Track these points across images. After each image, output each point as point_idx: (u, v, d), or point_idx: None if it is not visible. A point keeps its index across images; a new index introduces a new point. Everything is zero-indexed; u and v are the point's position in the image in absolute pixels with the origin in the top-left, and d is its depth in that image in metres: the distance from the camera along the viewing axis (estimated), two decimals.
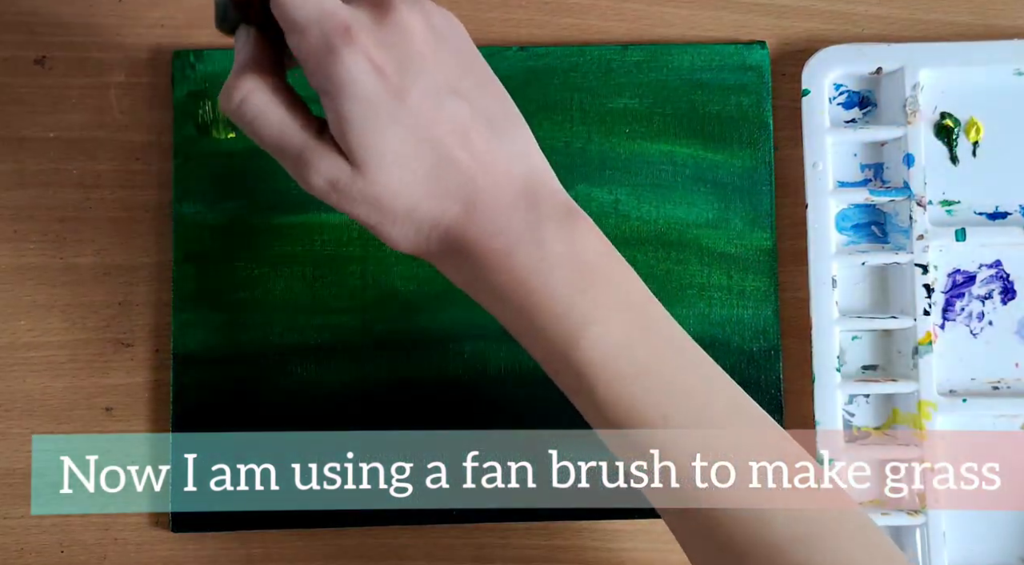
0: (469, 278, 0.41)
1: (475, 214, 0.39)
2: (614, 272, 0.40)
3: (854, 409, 0.51)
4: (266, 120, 0.39)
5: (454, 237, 0.40)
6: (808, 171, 0.51)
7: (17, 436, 0.50)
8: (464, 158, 0.39)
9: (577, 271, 0.39)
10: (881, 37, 0.53)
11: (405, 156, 0.38)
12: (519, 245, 0.39)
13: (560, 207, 0.40)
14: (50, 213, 0.51)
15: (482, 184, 0.39)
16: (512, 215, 0.39)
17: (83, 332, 0.51)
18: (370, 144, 0.38)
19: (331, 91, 0.38)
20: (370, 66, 0.38)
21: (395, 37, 0.38)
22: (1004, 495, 0.50)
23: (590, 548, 0.50)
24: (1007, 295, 0.51)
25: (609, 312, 0.39)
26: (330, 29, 0.38)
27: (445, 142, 0.39)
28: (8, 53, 0.52)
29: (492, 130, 0.40)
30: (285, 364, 0.50)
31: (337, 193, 0.39)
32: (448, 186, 0.39)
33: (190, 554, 0.50)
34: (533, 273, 0.39)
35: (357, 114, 0.38)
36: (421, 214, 0.39)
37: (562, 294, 0.39)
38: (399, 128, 0.38)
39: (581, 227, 0.40)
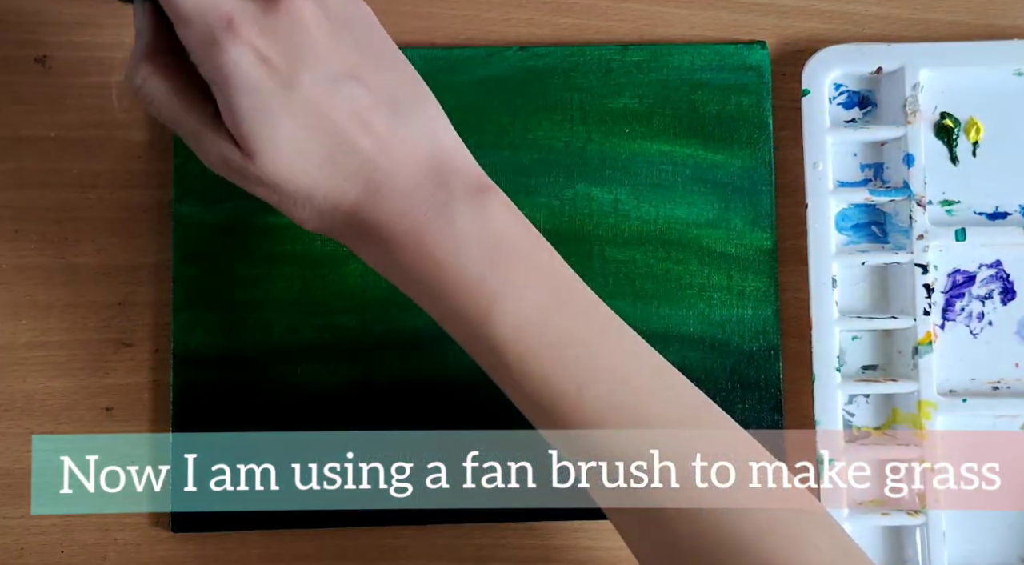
0: (381, 260, 0.41)
1: (379, 196, 0.39)
2: (526, 246, 0.40)
3: (854, 409, 0.51)
4: (162, 104, 0.40)
5: (360, 220, 0.40)
6: (808, 171, 0.51)
7: (17, 436, 0.50)
8: (363, 141, 0.39)
9: (488, 247, 0.39)
10: (881, 37, 0.53)
11: (298, 143, 0.39)
12: (428, 224, 0.39)
13: (471, 183, 0.40)
14: (50, 213, 0.51)
15: (384, 165, 0.39)
16: (418, 195, 0.39)
17: (83, 332, 0.51)
18: (260, 134, 0.38)
19: (218, 82, 0.38)
20: (255, 57, 0.38)
21: (283, 26, 0.38)
22: (1004, 495, 0.50)
23: (589, 548, 0.50)
24: (1007, 295, 0.51)
25: (521, 286, 0.39)
26: (213, 20, 0.38)
27: (342, 127, 0.39)
28: (8, 52, 0.52)
29: (395, 111, 0.40)
30: (285, 364, 0.50)
31: (235, 176, 0.40)
32: (347, 170, 0.39)
33: (190, 554, 0.50)
34: (443, 251, 0.39)
35: (245, 105, 0.38)
36: (320, 198, 0.40)
37: (473, 271, 0.39)
38: (290, 117, 0.38)
39: (492, 202, 0.40)
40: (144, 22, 0.41)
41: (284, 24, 0.38)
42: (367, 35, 0.41)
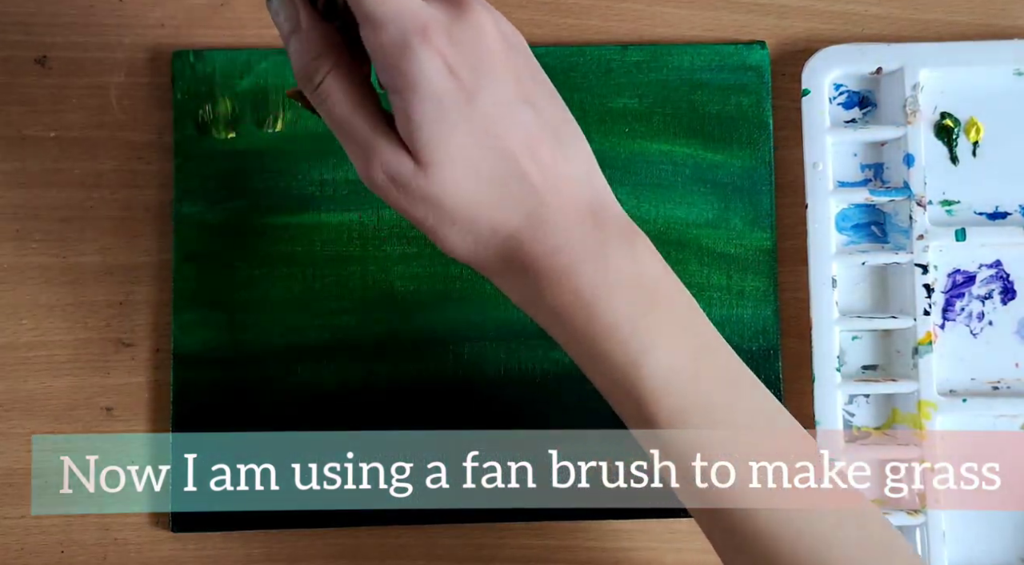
0: (528, 295, 0.39)
1: (539, 228, 0.38)
2: (674, 294, 0.39)
3: (854, 409, 0.51)
4: (336, 103, 0.39)
5: (515, 250, 0.39)
6: (808, 171, 0.51)
7: (17, 436, 0.50)
8: (532, 169, 0.38)
9: (640, 292, 0.38)
10: (881, 37, 0.53)
11: (471, 159, 0.37)
12: (583, 263, 0.38)
13: (623, 226, 0.39)
14: (51, 213, 0.51)
15: (548, 198, 0.38)
16: (576, 232, 0.38)
17: (84, 332, 0.51)
18: (437, 143, 0.37)
19: (402, 88, 0.37)
20: (443, 65, 0.37)
21: (470, 37, 0.37)
22: (1004, 495, 0.50)
23: (589, 548, 0.50)
24: (1007, 295, 0.51)
25: (672, 337, 0.38)
26: (408, 26, 0.37)
27: (513, 150, 0.38)
28: (8, 53, 0.52)
29: (559, 144, 0.39)
30: (285, 364, 0.50)
31: (397, 189, 0.38)
32: (513, 196, 0.38)
33: (190, 554, 0.50)
34: (596, 293, 0.38)
35: (427, 112, 0.37)
36: (482, 221, 0.38)
37: (625, 315, 0.38)
38: (468, 130, 0.37)
39: (641, 247, 0.39)
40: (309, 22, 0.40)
41: (470, 35, 0.37)
42: (531, 62, 0.40)
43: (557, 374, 0.50)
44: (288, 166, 0.51)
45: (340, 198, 0.51)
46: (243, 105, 0.51)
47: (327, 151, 0.51)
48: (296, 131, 0.51)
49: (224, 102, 0.51)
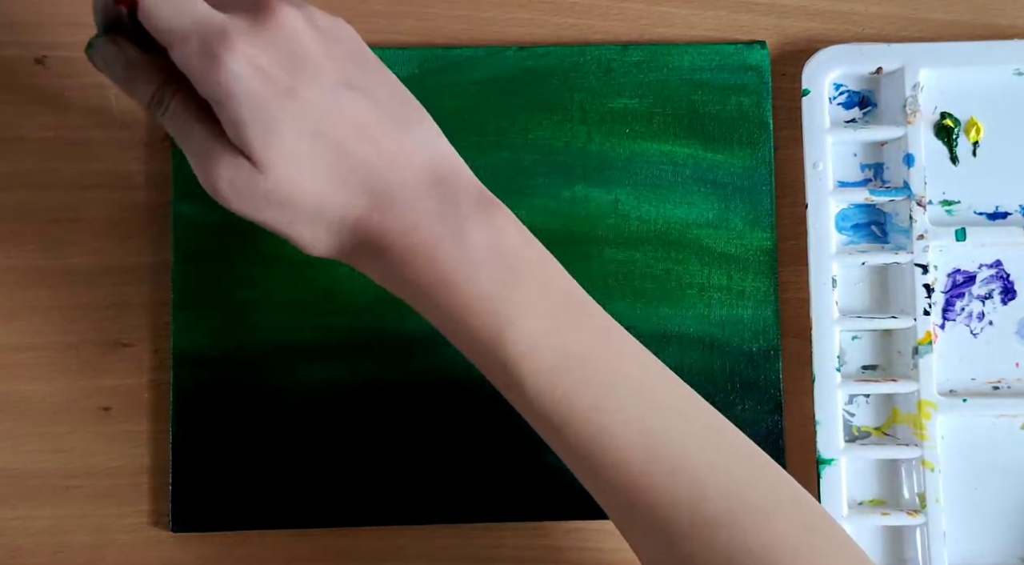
0: (389, 275, 0.40)
1: (387, 208, 0.39)
2: (537, 263, 0.40)
3: (854, 409, 0.51)
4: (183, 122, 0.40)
5: (367, 233, 0.39)
6: (808, 171, 0.51)
7: (15, 437, 0.50)
8: (366, 151, 0.39)
9: (500, 265, 0.39)
10: (881, 37, 0.53)
11: (304, 153, 0.38)
12: (438, 239, 0.39)
13: (474, 196, 0.40)
14: (49, 213, 0.51)
15: (389, 176, 0.39)
16: (426, 207, 0.39)
17: (82, 332, 0.51)
18: (266, 143, 0.38)
19: (219, 97, 0.38)
20: (253, 68, 0.38)
21: (278, 38, 0.38)
22: (1004, 495, 0.50)
23: (588, 548, 0.50)
24: (1007, 295, 0.51)
25: (534, 304, 0.39)
26: (208, 35, 0.37)
27: (344, 136, 0.38)
28: (8, 53, 0.52)
29: (393, 122, 0.39)
30: (284, 364, 0.50)
31: (240, 195, 0.39)
32: (352, 180, 0.39)
33: (190, 554, 0.50)
34: (456, 270, 0.39)
35: (248, 116, 0.38)
36: (329, 211, 0.39)
37: (485, 289, 0.39)
38: (294, 126, 0.38)
39: (499, 218, 0.40)
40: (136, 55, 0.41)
41: (277, 36, 0.38)
42: (355, 48, 0.41)
43: None
44: None
45: None
46: None
47: None
48: None
49: None
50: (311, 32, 0.39)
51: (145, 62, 0.41)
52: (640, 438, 0.38)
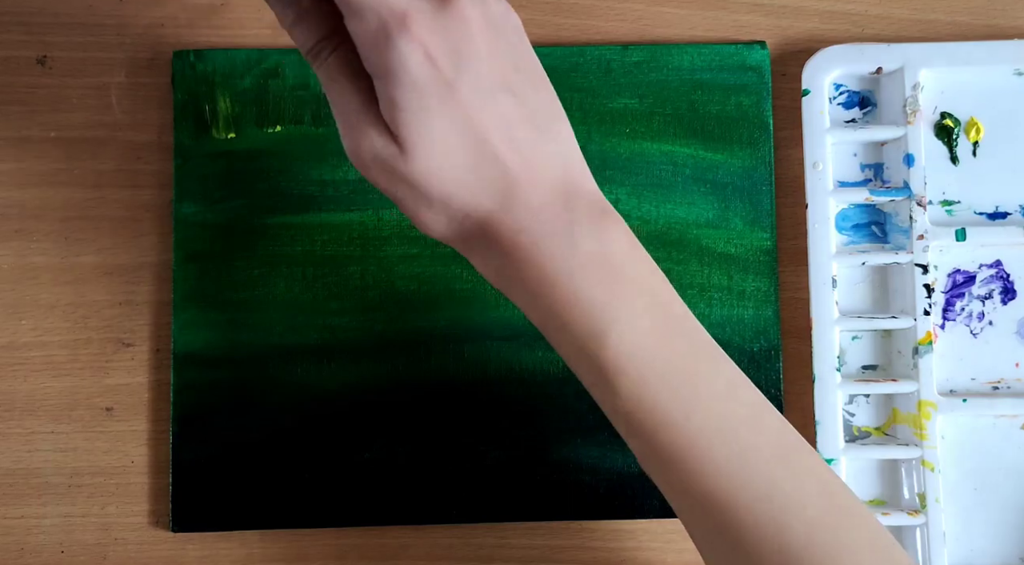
0: (497, 270, 0.41)
1: (510, 208, 0.39)
2: (642, 273, 0.40)
3: (854, 409, 0.51)
4: (338, 82, 0.40)
5: (486, 228, 0.40)
6: (808, 171, 0.51)
7: (17, 436, 0.50)
8: (507, 153, 0.39)
9: (606, 270, 0.39)
10: (881, 37, 0.53)
11: (449, 145, 0.39)
12: (550, 241, 0.39)
13: (594, 206, 0.40)
14: (51, 213, 0.51)
15: (521, 179, 0.39)
16: (546, 212, 0.39)
17: (84, 332, 0.51)
18: (417, 130, 0.38)
19: (383, 75, 0.38)
20: (423, 55, 0.38)
21: (453, 27, 0.38)
22: (1004, 495, 0.50)
23: (589, 548, 0.50)
24: (1007, 295, 0.51)
25: (635, 312, 0.39)
26: (387, 15, 0.37)
27: (490, 136, 0.39)
28: (9, 53, 0.52)
29: (536, 127, 0.40)
30: (285, 364, 0.50)
31: (379, 169, 0.39)
32: (487, 178, 0.39)
33: (190, 554, 0.50)
34: (562, 270, 0.39)
35: (407, 101, 0.38)
36: (456, 202, 0.39)
37: (589, 292, 0.39)
38: (447, 118, 0.38)
39: (612, 227, 0.40)
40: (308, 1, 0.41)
41: (453, 25, 0.38)
42: (520, 47, 0.41)
43: (558, 374, 0.50)
44: (288, 166, 0.51)
45: (340, 198, 0.51)
46: (243, 105, 0.51)
47: (327, 151, 0.51)
48: (296, 131, 0.51)
49: (224, 102, 0.51)
50: (484, 27, 0.39)
51: (314, 10, 0.40)
52: (730, 462, 0.39)
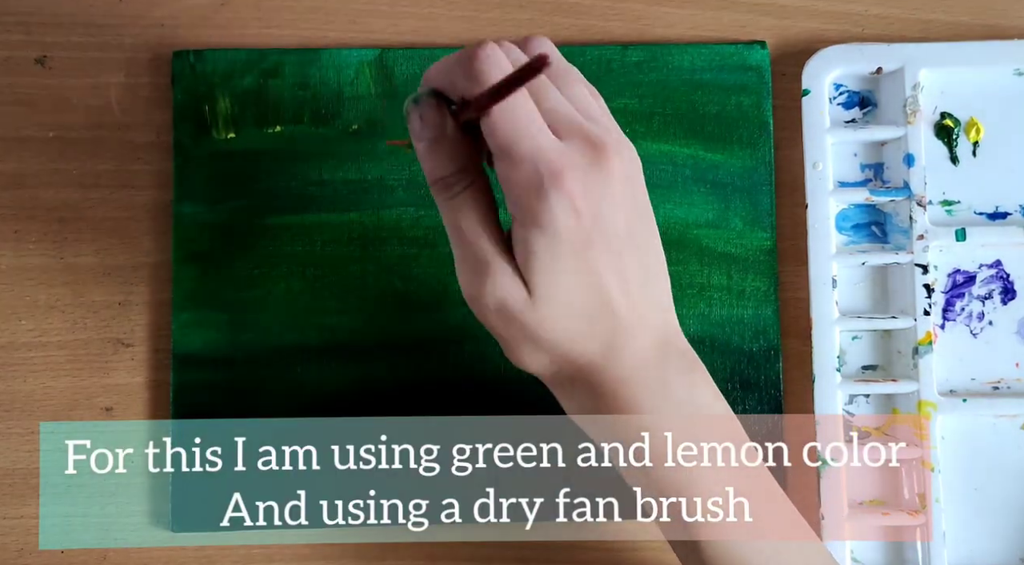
0: (588, 409, 0.41)
1: (614, 357, 0.40)
2: (726, 423, 0.41)
3: (854, 409, 0.51)
4: (468, 218, 0.39)
5: (587, 374, 0.40)
6: (808, 171, 0.51)
7: (17, 436, 0.50)
8: (622, 306, 0.39)
9: (694, 418, 0.40)
10: (881, 37, 0.53)
11: (574, 295, 0.39)
12: (644, 390, 0.40)
13: (685, 357, 0.41)
14: (50, 213, 0.51)
15: (629, 333, 0.40)
16: (645, 363, 0.40)
17: (83, 332, 0.51)
18: (549, 280, 0.38)
19: (528, 223, 0.38)
20: (571, 209, 0.38)
21: (600, 183, 0.38)
22: (1004, 495, 0.50)
23: (589, 548, 0.50)
24: (1007, 295, 0.51)
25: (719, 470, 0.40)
26: (544, 169, 0.37)
27: (611, 289, 0.39)
28: (8, 53, 0.52)
29: (647, 281, 0.40)
30: (285, 364, 0.50)
31: (501, 312, 0.39)
32: (600, 330, 0.40)
33: (190, 554, 0.50)
34: (652, 416, 0.40)
35: (545, 249, 0.38)
36: (564, 348, 0.40)
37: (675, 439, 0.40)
38: (577, 271, 0.39)
39: (700, 377, 0.41)
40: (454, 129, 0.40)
41: (601, 181, 0.38)
42: (642, 196, 0.41)
43: None
44: (288, 166, 0.51)
45: (340, 198, 0.51)
46: (243, 105, 0.51)
47: (327, 151, 0.51)
48: (296, 131, 0.51)
49: (224, 102, 0.51)
50: (623, 181, 0.39)
51: (456, 141, 0.40)
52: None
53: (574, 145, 0.38)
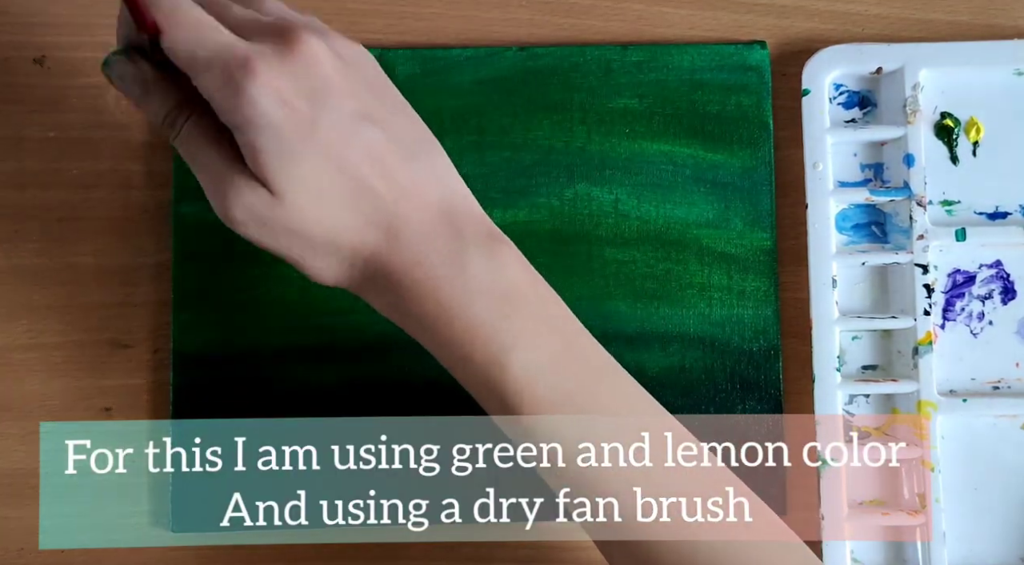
0: (392, 305, 0.41)
1: (396, 242, 0.39)
2: (537, 297, 0.40)
3: (854, 409, 0.51)
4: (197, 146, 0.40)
5: (377, 265, 0.40)
6: (808, 171, 0.51)
7: (16, 436, 0.50)
8: (381, 185, 0.39)
9: (500, 297, 0.39)
10: (881, 37, 0.53)
11: (321, 184, 0.38)
12: (442, 272, 0.39)
13: (482, 233, 0.40)
14: (49, 213, 0.51)
15: (402, 211, 0.39)
16: (434, 242, 0.39)
17: (82, 333, 0.51)
18: (285, 173, 0.38)
19: (241, 125, 0.38)
20: (276, 98, 0.37)
21: (301, 67, 0.38)
22: (1004, 495, 0.50)
23: (589, 548, 0.50)
24: (1007, 295, 0.51)
25: (532, 337, 0.39)
26: (231, 64, 0.37)
27: (361, 170, 0.39)
28: (8, 53, 0.52)
29: (408, 156, 0.40)
30: (285, 364, 0.50)
31: (256, 223, 0.39)
32: (366, 214, 0.39)
33: (190, 554, 0.50)
34: (456, 301, 0.39)
35: (269, 145, 0.38)
36: (342, 242, 0.39)
37: (485, 320, 0.39)
38: (313, 157, 0.38)
39: (504, 253, 0.40)
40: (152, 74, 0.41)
41: (301, 65, 0.38)
42: (375, 79, 0.41)
43: None
44: None
45: None
46: None
47: None
48: None
49: None
50: (334, 62, 0.39)
51: (161, 81, 0.41)
52: (627, 483, 0.39)
53: (258, 38, 0.38)
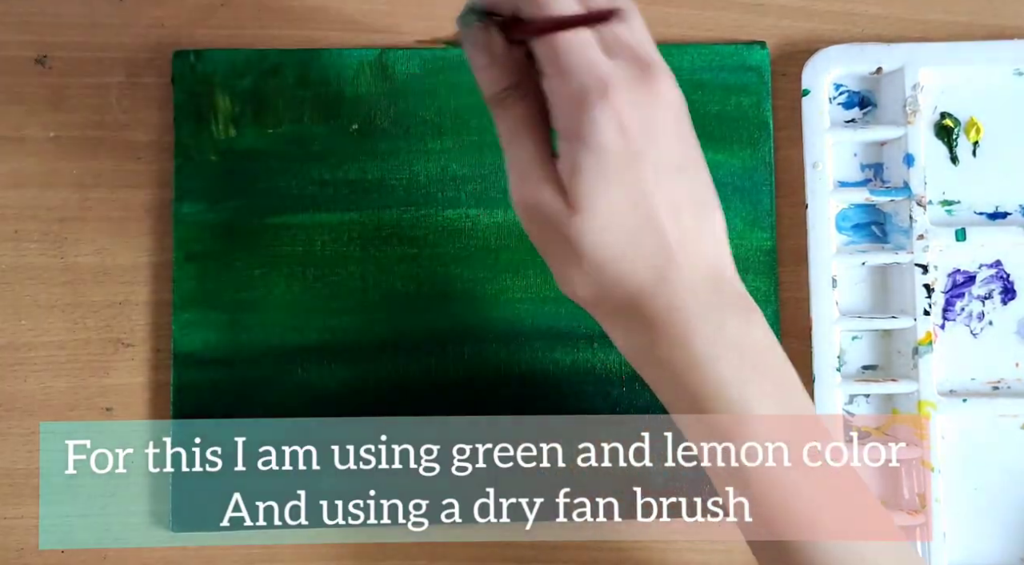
0: (638, 345, 0.41)
1: (664, 285, 0.39)
2: (780, 367, 0.41)
3: (854, 409, 0.51)
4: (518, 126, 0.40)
5: (637, 303, 0.40)
6: (808, 171, 0.51)
7: (17, 436, 0.50)
8: (671, 232, 0.39)
9: (747, 359, 0.40)
10: (881, 37, 0.53)
11: (619, 213, 0.39)
12: (700, 324, 0.39)
13: (739, 296, 0.41)
14: (50, 213, 0.51)
15: (679, 259, 0.39)
16: (698, 295, 0.40)
17: (83, 332, 0.51)
18: (594, 196, 0.38)
19: (573, 137, 0.38)
20: (616, 124, 0.38)
21: (649, 102, 0.38)
22: (1004, 495, 0.50)
23: (589, 548, 0.50)
24: (1007, 295, 0.51)
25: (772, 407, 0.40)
26: (591, 82, 0.38)
27: (659, 213, 0.39)
28: (8, 53, 0.52)
29: (699, 213, 0.40)
30: (285, 364, 0.50)
31: (541, 221, 0.40)
32: (647, 254, 0.39)
33: (190, 554, 0.50)
34: (705, 353, 0.39)
35: (589, 165, 0.38)
36: (611, 270, 0.39)
37: (729, 378, 0.39)
38: (624, 188, 0.38)
39: (755, 318, 0.41)
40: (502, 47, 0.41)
41: (649, 100, 0.38)
42: (691, 131, 0.41)
43: (557, 375, 0.50)
44: (288, 166, 0.51)
45: (340, 198, 0.51)
46: (243, 105, 0.51)
47: (327, 151, 0.51)
48: (296, 131, 0.51)
49: (224, 102, 0.51)
50: (675, 109, 0.39)
51: (507, 58, 0.41)
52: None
53: (623, 63, 0.39)
